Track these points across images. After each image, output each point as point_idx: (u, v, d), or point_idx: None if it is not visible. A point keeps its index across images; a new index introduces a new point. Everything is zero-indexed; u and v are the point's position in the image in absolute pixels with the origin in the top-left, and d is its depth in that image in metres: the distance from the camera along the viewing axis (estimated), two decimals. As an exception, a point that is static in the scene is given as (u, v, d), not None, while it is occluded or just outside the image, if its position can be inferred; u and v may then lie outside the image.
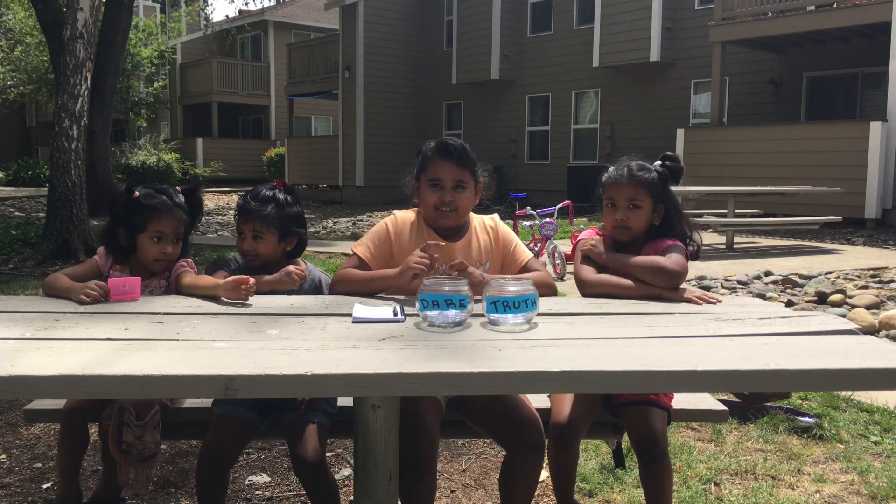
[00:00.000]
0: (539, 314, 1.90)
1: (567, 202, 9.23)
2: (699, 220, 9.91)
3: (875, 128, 11.63)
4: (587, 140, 17.74)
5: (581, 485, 2.81)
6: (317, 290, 2.41)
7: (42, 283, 2.28)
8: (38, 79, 24.21)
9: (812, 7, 12.62)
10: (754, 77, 14.70)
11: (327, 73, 22.01)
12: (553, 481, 2.35)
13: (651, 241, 2.47)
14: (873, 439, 3.29)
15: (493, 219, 2.52)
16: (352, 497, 2.16)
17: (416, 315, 1.87)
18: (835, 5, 12.54)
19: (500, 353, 1.58)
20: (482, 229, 2.47)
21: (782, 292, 6.61)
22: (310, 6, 29.69)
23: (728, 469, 3.00)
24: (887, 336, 4.95)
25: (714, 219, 10.24)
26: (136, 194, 2.37)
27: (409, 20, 20.74)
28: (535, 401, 2.32)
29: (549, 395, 2.34)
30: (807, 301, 6.14)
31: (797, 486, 2.86)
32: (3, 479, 2.92)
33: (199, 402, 2.35)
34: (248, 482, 2.90)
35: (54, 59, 11.51)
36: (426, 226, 2.43)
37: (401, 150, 19.49)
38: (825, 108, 14.12)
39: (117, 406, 2.15)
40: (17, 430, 3.44)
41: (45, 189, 13.01)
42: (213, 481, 2.14)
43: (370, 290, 2.27)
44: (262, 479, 2.94)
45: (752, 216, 11.35)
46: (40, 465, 3.06)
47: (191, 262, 2.44)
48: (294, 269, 2.29)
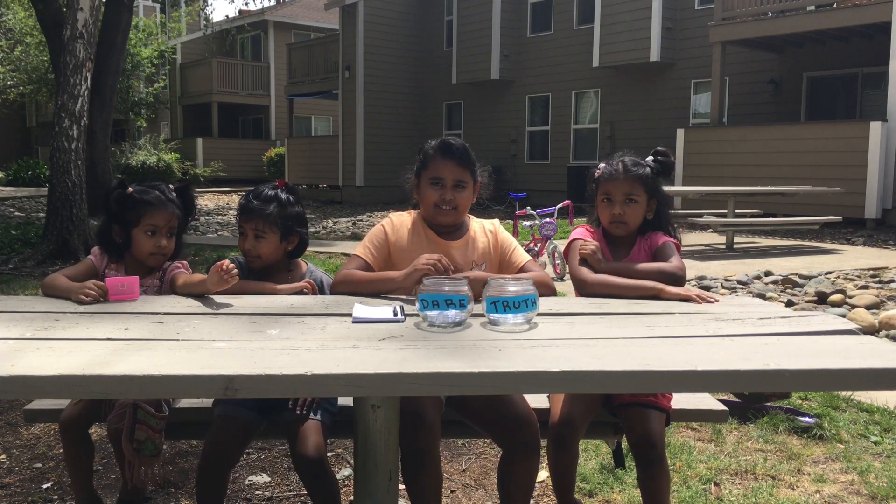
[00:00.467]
0: (539, 314, 1.90)
1: (567, 202, 9.24)
2: (699, 220, 9.93)
3: (875, 128, 11.63)
4: (587, 140, 17.74)
5: (581, 485, 2.81)
6: (319, 291, 2.41)
7: (41, 284, 2.29)
8: (38, 79, 24.20)
9: (812, 7, 12.62)
10: (754, 77, 14.70)
11: (327, 73, 22.01)
12: (553, 481, 2.35)
13: (641, 237, 2.48)
14: (873, 439, 3.29)
15: (493, 223, 2.54)
16: (352, 497, 2.16)
17: (416, 315, 1.87)
18: (835, 5, 12.53)
19: (500, 353, 1.58)
20: (482, 232, 2.49)
21: (782, 292, 6.61)
22: (310, 6, 29.69)
23: (728, 469, 3.00)
24: (887, 336, 4.95)
25: (714, 219, 10.24)
26: (130, 190, 2.38)
27: (409, 20, 20.74)
28: (534, 400, 2.32)
29: (547, 395, 2.34)
30: (807, 301, 6.14)
31: (797, 486, 2.86)
32: (3, 479, 2.92)
33: (199, 402, 2.35)
34: (248, 482, 2.90)
35: (54, 59, 11.51)
36: (424, 225, 2.45)
37: (401, 150, 19.49)
38: (825, 108, 14.12)
39: (131, 404, 2.15)
40: (17, 430, 3.44)
41: (45, 189, 13.02)
42: (215, 482, 2.13)
43: (373, 292, 2.28)
44: (262, 479, 2.94)
45: (752, 216, 11.35)
46: (40, 465, 3.06)
47: (185, 263, 2.44)
48: (308, 290, 2.33)
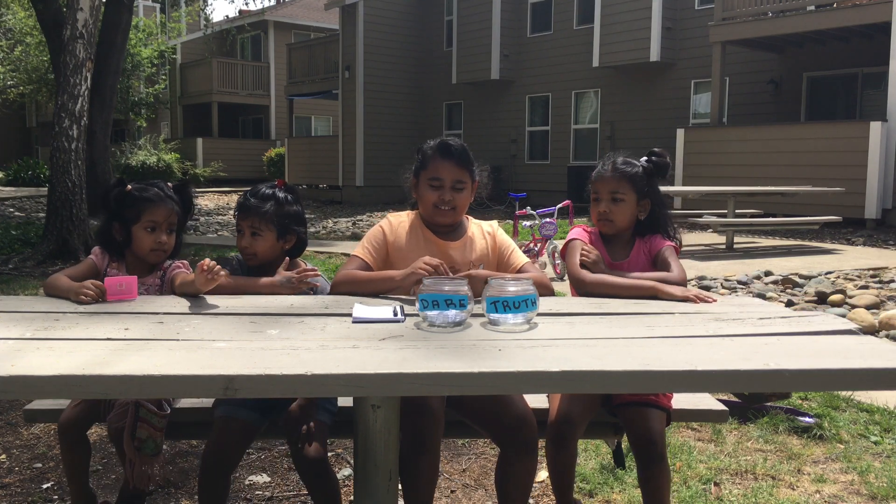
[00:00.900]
0: (539, 314, 1.90)
1: (567, 202, 9.23)
2: (699, 220, 9.92)
3: (875, 128, 11.63)
4: (587, 140, 17.73)
5: (581, 485, 2.81)
6: (316, 292, 2.40)
7: (43, 284, 2.29)
8: (38, 79, 24.19)
9: (812, 7, 12.62)
10: (754, 77, 14.70)
11: (327, 73, 22.01)
12: (551, 480, 2.35)
13: (641, 239, 2.48)
14: (873, 439, 3.29)
15: (491, 225, 2.56)
16: (352, 497, 2.16)
17: (416, 315, 1.87)
18: (835, 5, 12.53)
19: (500, 353, 1.58)
20: (480, 234, 2.51)
21: (782, 292, 6.61)
22: (310, 6, 29.69)
23: (728, 469, 3.00)
24: (887, 336, 4.95)
25: (714, 219, 10.24)
26: (129, 187, 2.39)
27: (409, 20, 20.74)
28: (534, 400, 2.32)
29: (547, 395, 2.34)
30: (807, 301, 6.14)
31: (797, 486, 2.86)
32: (3, 479, 2.92)
33: (199, 402, 2.35)
34: (248, 482, 2.90)
35: (54, 59, 11.51)
36: (423, 226, 2.46)
37: (401, 150, 19.48)
38: (825, 108, 14.12)
39: (133, 403, 2.15)
40: (17, 430, 3.44)
41: (45, 189, 13.01)
42: (217, 483, 2.13)
43: (373, 291, 2.28)
44: (262, 479, 2.94)
45: (752, 216, 11.35)
46: (40, 465, 3.06)
47: (186, 263, 2.44)
48: (297, 277, 2.29)
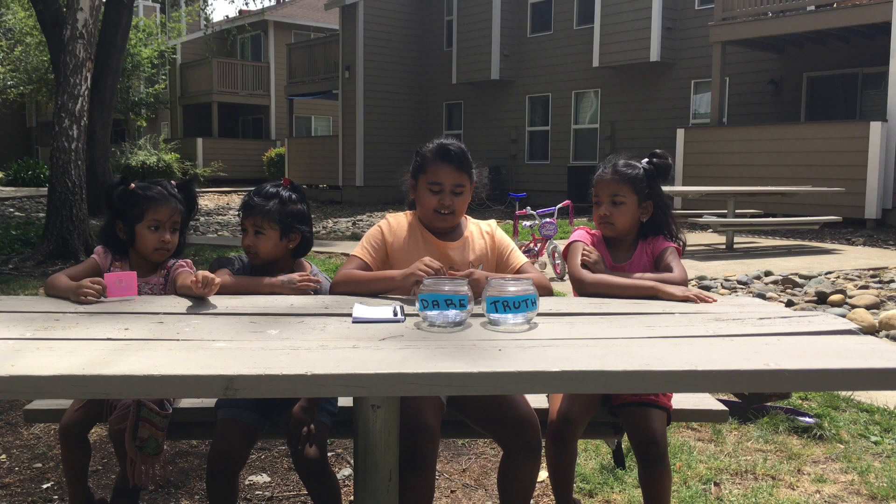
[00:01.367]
0: (539, 314, 1.90)
1: (567, 202, 9.23)
2: (699, 220, 9.92)
3: (875, 128, 11.63)
4: (587, 140, 17.73)
5: (581, 485, 2.81)
6: (318, 293, 2.40)
7: (44, 284, 2.29)
8: (38, 79, 24.18)
9: (812, 7, 12.62)
10: (754, 77, 14.70)
11: (327, 73, 22.01)
12: (551, 479, 2.35)
13: (644, 241, 2.48)
14: (873, 439, 3.29)
15: (490, 224, 2.56)
16: (352, 497, 2.16)
17: (416, 315, 1.87)
18: (835, 5, 12.53)
19: (500, 353, 1.58)
20: (479, 234, 2.50)
21: (782, 292, 6.61)
22: (310, 6, 29.69)
23: (728, 469, 3.00)
24: (887, 336, 4.95)
25: (714, 219, 10.24)
26: (132, 186, 2.39)
27: (409, 20, 20.74)
28: (534, 400, 2.32)
29: (547, 394, 2.34)
30: (807, 301, 6.14)
31: (797, 486, 2.86)
32: (3, 479, 2.92)
33: (199, 402, 2.35)
34: (248, 482, 2.90)
35: (54, 59, 11.51)
36: (421, 227, 2.45)
37: (401, 150, 19.48)
38: (825, 108, 14.12)
39: (134, 403, 2.15)
40: (17, 430, 3.44)
41: (45, 189, 13.01)
42: (225, 485, 2.13)
43: (374, 291, 2.28)
44: (262, 479, 2.94)
45: (752, 216, 11.35)
46: (40, 465, 3.06)
47: (190, 262, 2.44)
48: (299, 280, 2.29)
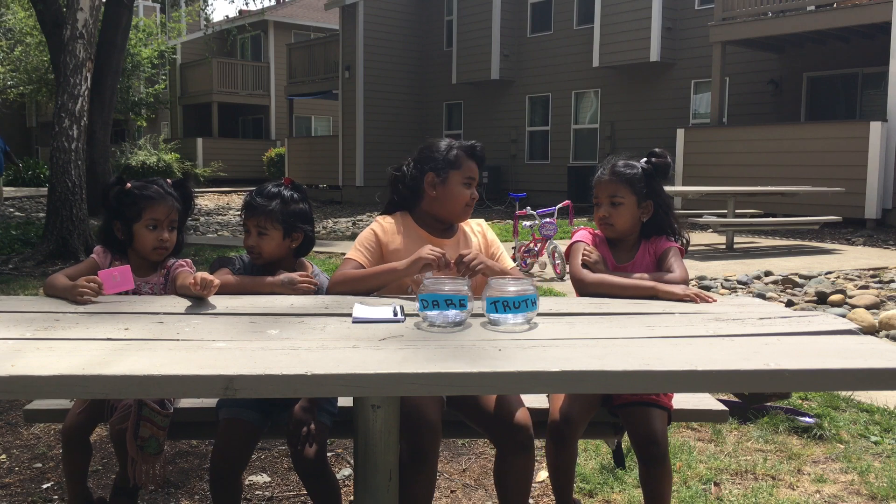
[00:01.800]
0: (539, 314, 1.90)
1: (567, 202, 9.22)
2: (699, 220, 9.92)
3: (875, 128, 11.63)
4: (587, 140, 17.73)
5: (581, 485, 2.81)
6: (318, 293, 2.41)
7: (44, 284, 2.29)
8: (38, 79, 24.17)
9: (812, 7, 12.62)
10: (754, 77, 14.70)
11: (327, 73, 22.01)
12: (551, 479, 2.35)
13: (646, 241, 2.48)
14: (873, 439, 3.29)
15: (479, 223, 2.67)
16: (352, 497, 2.16)
17: (416, 315, 1.87)
18: (835, 5, 12.53)
19: (500, 353, 1.58)
20: (471, 231, 2.61)
21: (782, 292, 6.61)
22: (310, 6, 29.69)
23: (728, 469, 3.00)
24: (887, 336, 4.95)
25: (714, 219, 10.24)
26: (128, 185, 2.39)
27: (409, 20, 20.74)
28: (534, 400, 2.32)
29: (547, 395, 2.34)
30: (807, 301, 6.14)
31: (797, 486, 2.86)
32: (3, 479, 2.92)
33: (200, 402, 2.35)
34: (248, 482, 2.90)
35: (54, 59, 11.50)
36: (416, 225, 2.51)
37: (401, 150, 19.45)
38: (825, 108, 14.12)
39: (135, 402, 2.15)
40: (17, 430, 3.44)
41: (45, 189, 13.01)
42: (229, 486, 2.13)
43: (376, 286, 2.31)
44: (262, 479, 2.94)
45: (752, 216, 11.35)
46: (40, 465, 3.06)
47: (190, 262, 2.44)
48: (299, 280, 2.30)
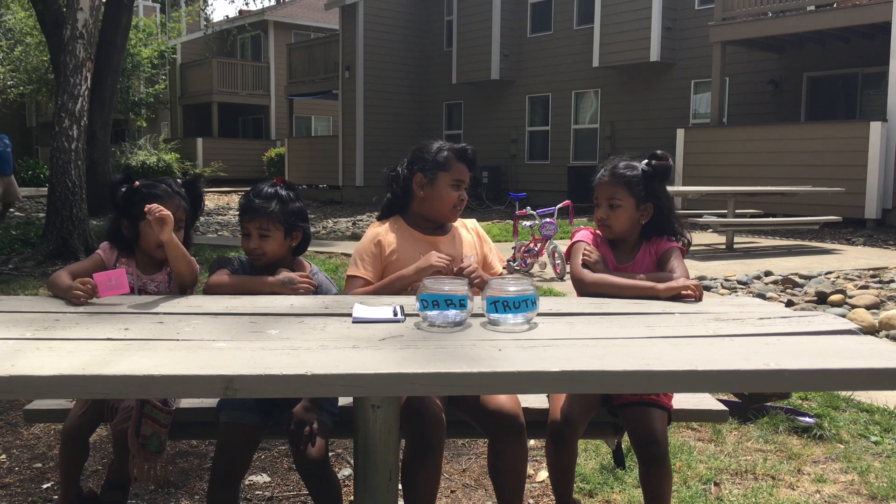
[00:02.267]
0: (539, 314, 1.90)
1: (567, 202, 9.22)
2: (699, 220, 9.92)
3: (875, 128, 11.63)
4: (587, 140, 17.73)
5: (581, 485, 2.81)
6: (318, 292, 2.41)
7: (47, 282, 2.29)
8: (38, 79, 24.15)
9: (812, 7, 12.62)
10: (754, 77, 14.70)
11: (327, 73, 22.01)
12: (551, 479, 2.35)
13: (647, 242, 2.48)
14: (873, 439, 3.29)
15: (472, 221, 2.74)
16: (352, 497, 2.16)
17: (416, 315, 1.87)
18: (835, 5, 12.53)
19: (500, 353, 1.58)
20: (463, 229, 2.67)
21: (782, 292, 6.61)
22: (310, 6, 29.69)
23: (728, 469, 3.00)
24: (887, 336, 4.95)
25: (714, 219, 10.24)
26: (137, 183, 2.40)
27: (409, 20, 20.73)
28: (534, 400, 2.33)
29: (547, 395, 2.34)
30: (807, 301, 6.14)
31: (797, 486, 2.86)
32: (3, 479, 2.92)
33: (200, 402, 2.35)
34: (248, 482, 2.90)
35: (54, 59, 11.50)
36: (409, 227, 2.55)
37: (401, 150, 19.19)
38: (825, 108, 14.12)
39: (138, 400, 2.15)
40: (17, 430, 3.44)
41: (45, 189, 13.01)
42: (229, 490, 2.11)
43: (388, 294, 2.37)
44: (262, 479, 2.94)
45: (752, 216, 11.35)
46: (40, 465, 3.06)
47: (194, 260, 2.44)
48: (299, 280, 2.30)
